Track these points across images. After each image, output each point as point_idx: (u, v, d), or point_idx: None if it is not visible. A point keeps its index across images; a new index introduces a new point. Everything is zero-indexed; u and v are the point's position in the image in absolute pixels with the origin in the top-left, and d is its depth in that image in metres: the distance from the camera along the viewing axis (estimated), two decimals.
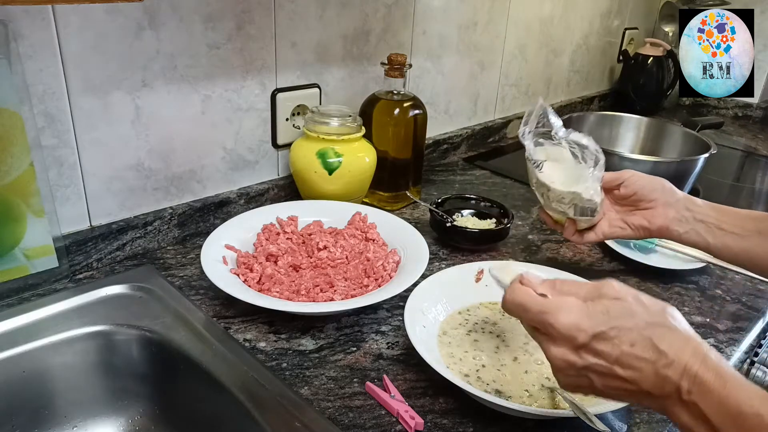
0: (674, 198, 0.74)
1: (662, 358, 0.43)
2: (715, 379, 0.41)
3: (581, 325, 0.45)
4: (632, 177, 0.76)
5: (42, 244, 0.71)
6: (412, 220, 0.95)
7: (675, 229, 0.73)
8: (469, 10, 1.23)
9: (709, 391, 0.41)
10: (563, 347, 0.46)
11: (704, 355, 0.43)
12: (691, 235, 0.73)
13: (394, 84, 0.97)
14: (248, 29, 0.85)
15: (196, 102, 0.83)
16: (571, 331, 0.45)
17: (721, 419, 0.41)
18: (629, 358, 0.44)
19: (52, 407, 0.66)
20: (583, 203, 0.73)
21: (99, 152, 0.76)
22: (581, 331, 0.45)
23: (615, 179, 0.76)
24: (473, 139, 1.37)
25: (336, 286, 0.72)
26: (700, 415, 0.41)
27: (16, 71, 0.65)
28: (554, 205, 0.76)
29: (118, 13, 0.72)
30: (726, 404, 0.41)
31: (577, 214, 0.75)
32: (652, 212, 0.75)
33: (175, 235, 0.86)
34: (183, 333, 0.67)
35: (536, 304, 0.47)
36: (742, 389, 0.41)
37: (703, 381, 0.41)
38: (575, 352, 0.45)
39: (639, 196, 0.75)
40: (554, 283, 0.49)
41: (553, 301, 0.47)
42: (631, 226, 0.76)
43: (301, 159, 0.91)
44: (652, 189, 0.75)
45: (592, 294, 0.47)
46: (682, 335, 0.44)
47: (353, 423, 0.57)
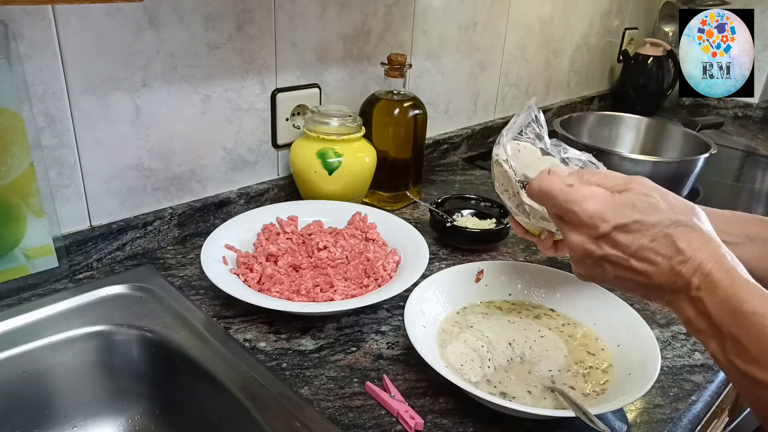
0: None
1: (679, 255, 0.44)
2: (725, 278, 0.43)
3: (605, 215, 0.46)
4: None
5: (42, 244, 0.71)
6: (412, 220, 0.95)
7: None
8: (469, 10, 1.23)
9: (716, 289, 0.43)
10: (584, 235, 0.47)
11: (721, 255, 0.44)
12: None
13: (394, 84, 0.97)
14: (248, 29, 0.85)
15: (196, 102, 0.83)
16: (593, 220, 0.46)
17: (721, 315, 0.42)
18: (647, 252, 0.45)
19: (52, 407, 0.66)
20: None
21: (99, 152, 0.76)
22: (604, 221, 0.45)
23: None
24: (473, 139, 1.36)
25: (336, 286, 0.72)
26: (703, 310, 0.43)
27: (16, 71, 0.65)
28: (534, 222, 0.64)
29: (118, 13, 0.72)
30: (729, 301, 0.42)
31: (554, 228, 0.63)
32: None
33: (175, 235, 0.86)
34: (183, 333, 0.67)
35: (562, 192, 0.48)
36: (748, 289, 0.42)
37: (714, 279, 0.43)
38: (595, 241, 0.46)
39: None
40: (582, 174, 0.50)
41: (580, 189, 0.48)
42: None
43: (301, 159, 0.91)
44: None
45: (620, 186, 0.47)
46: (703, 235, 0.45)
47: (353, 423, 0.57)
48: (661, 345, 0.70)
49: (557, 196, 0.48)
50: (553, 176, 0.50)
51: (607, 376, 0.63)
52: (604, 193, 0.47)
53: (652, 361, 0.60)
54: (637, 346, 0.64)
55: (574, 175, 0.50)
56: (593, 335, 0.69)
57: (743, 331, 0.41)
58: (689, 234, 0.45)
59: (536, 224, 0.65)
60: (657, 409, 0.62)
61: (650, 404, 0.62)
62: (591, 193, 0.47)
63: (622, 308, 0.70)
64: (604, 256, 0.46)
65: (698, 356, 0.70)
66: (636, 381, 0.58)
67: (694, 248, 0.44)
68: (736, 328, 0.42)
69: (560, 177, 0.50)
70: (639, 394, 0.56)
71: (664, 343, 0.72)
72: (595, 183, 0.48)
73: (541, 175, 0.50)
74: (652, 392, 0.63)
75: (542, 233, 0.67)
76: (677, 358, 0.70)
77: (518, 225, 0.68)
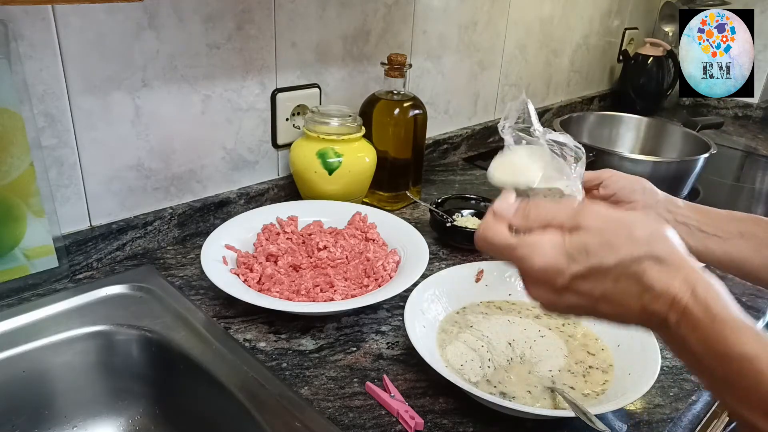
0: (655, 199, 0.71)
1: (648, 293, 0.40)
2: (704, 314, 0.38)
3: (559, 266, 0.41)
4: (612, 177, 0.72)
5: (42, 244, 0.71)
6: (412, 220, 0.95)
7: None
8: (469, 10, 1.23)
9: (697, 328, 0.38)
10: (542, 288, 0.43)
11: (694, 285, 0.39)
12: None
13: (394, 84, 0.97)
14: (248, 29, 0.85)
15: (196, 102, 0.83)
16: (548, 274, 0.42)
17: (708, 356, 0.38)
18: (613, 294, 0.41)
19: (52, 407, 0.66)
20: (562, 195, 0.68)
21: (99, 152, 0.76)
22: (559, 273, 0.41)
23: (594, 179, 0.73)
24: (473, 139, 1.36)
25: (336, 286, 0.72)
26: (688, 349, 0.39)
27: (16, 71, 0.65)
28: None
29: (118, 13, 0.72)
30: (714, 342, 0.38)
31: None
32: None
33: (175, 235, 0.86)
34: (183, 333, 0.67)
35: (508, 246, 0.44)
36: (732, 325, 0.38)
37: (692, 316, 0.38)
38: (556, 292, 0.42)
39: (619, 197, 0.71)
40: (528, 212, 0.44)
41: (527, 240, 0.43)
42: None
43: (301, 159, 0.91)
44: (632, 190, 0.71)
45: (570, 222, 0.42)
46: (672, 264, 0.40)
47: (353, 423, 0.57)
48: (661, 345, 0.70)
49: (504, 252, 0.44)
50: (497, 224, 0.45)
51: (607, 376, 0.63)
52: (554, 240, 0.42)
53: (652, 361, 0.60)
54: (637, 346, 0.64)
55: (519, 214, 0.45)
56: (593, 335, 0.69)
57: (737, 378, 0.37)
58: (654, 267, 0.40)
59: None
60: (657, 409, 0.62)
61: (650, 404, 0.62)
62: (539, 243, 0.42)
63: None
64: (569, 306, 0.43)
65: None
66: (636, 381, 0.59)
67: (665, 281, 0.39)
68: (728, 374, 0.38)
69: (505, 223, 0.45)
70: (639, 394, 0.56)
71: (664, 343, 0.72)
72: (544, 221, 0.43)
73: (486, 222, 0.46)
74: (652, 392, 0.63)
75: None
76: (677, 358, 0.70)
77: None
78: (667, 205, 0.71)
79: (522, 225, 0.44)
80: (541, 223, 0.43)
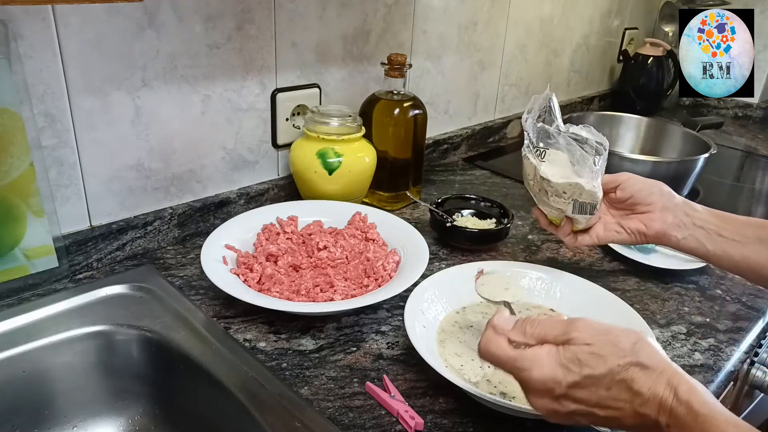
0: (672, 202, 0.72)
1: (637, 397, 0.43)
2: (687, 413, 0.41)
3: (556, 377, 0.45)
4: (629, 180, 0.74)
5: (42, 244, 0.71)
6: (412, 220, 0.95)
7: (673, 234, 0.71)
8: (469, 10, 1.23)
9: (683, 427, 0.41)
10: (543, 398, 0.47)
11: (676, 386, 0.42)
12: (690, 242, 0.70)
13: (394, 84, 0.97)
14: (248, 29, 0.85)
15: (196, 102, 0.83)
16: (547, 384, 0.46)
17: None
18: (608, 401, 0.45)
19: (52, 407, 0.66)
20: (584, 198, 0.70)
21: (99, 152, 0.76)
22: (557, 382, 0.45)
23: (612, 181, 0.74)
24: (473, 139, 1.37)
25: (336, 286, 0.72)
26: None
27: (16, 71, 0.65)
28: (552, 201, 0.72)
29: (118, 13, 0.72)
30: None
31: (575, 211, 0.72)
32: (650, 216, 0.72)
33: (175, 235, 0.86)
34: (183, 333, 0.67)
35: (510, 359, 0.48)
36: (711, 422, 0.40)
37: (678, 416, 0.42)
38: (555, 400, 0.46)
39: (636, 200, 0.73)
40: (525, 327, 0.49)
41: (526, 355, 0.47)
42: (627, 231, 0.74)
43: (301, 159, 0.91)
44: (649, 192, 0.72)
45: (561, 337, 0.47)
46: (655, 369, 0.44)
47: (353, 423, 0.57)
48: (661, 345, 0.70)
49: (506, 364, 0.48)
50: (497, 338, 0.49)
51: None
52: (550, 353, 0.46)
53: None
54: None
55: (518, 330, 0.49)
56: None
57: None
58: (640, 374, 0.44)
59: (554, 205, 0.72)
60: None
61: None
62: (537, 356, 0.47)
63: (622, 308, 0.70)
64: (570, 413, 0.46)
65: (698, 356, 0.70)
66: None
67: (650, 385, 0.43)
68: None
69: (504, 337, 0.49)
70: None
71: (664, 343, 0.72)
72: (539, 337, 0.48)
73: (487, 337, 0.50)
74: None
75: (561, 221, 0.75)
76: (677, 358, 0.70)
77: (541, 215, 0.77)
78: (685, 208, 0.71)
79: (520, 341, 0.48)
80: (537, 339, 0.48)
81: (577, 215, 0.72)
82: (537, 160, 0.71)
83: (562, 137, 0.70)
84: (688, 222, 0.70)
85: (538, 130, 0.71)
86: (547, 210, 0.75)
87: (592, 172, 0.70)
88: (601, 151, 0.70)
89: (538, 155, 0.71)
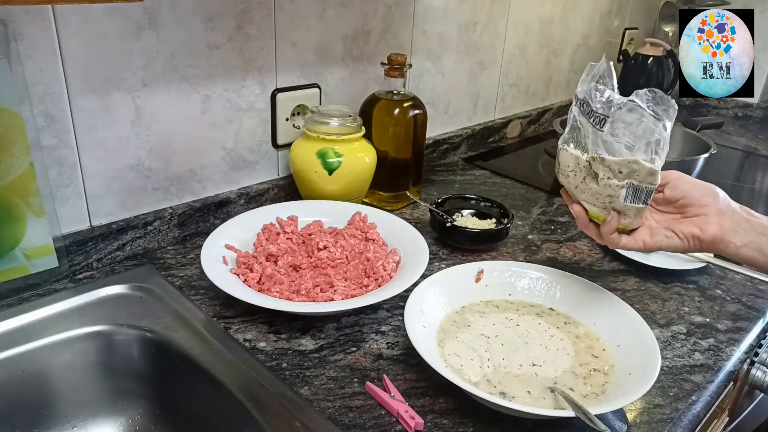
0: (730, 207, 0.65)
1: None
2: None
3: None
4: (680, 178, 0.67)
5: (42, 244, 0.71)
6: (412, 220, 0.95)
7: (732, 241, 0.64)
8: (469, 10, 1.23)
9: None
10: None
11: None
12: (750, 249, 0.64)
13: (394, 84, 0.97)
14: (248, 29, 0.85)
15: (196, 102, 0.83)
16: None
17: None
18: None
19: (52, 407, 0.66)
20: (641, 180, 0.62)
21: (99, 152, 0.76)
22: None
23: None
24: (473, 139, 1.37)
25: (336, 286, 0.72)
26: None
27: (16, 71, 0.65)
28: (601, 186, 0.64)
29: (118, 13, 0.72)
30: None
31: (629, 199, 0.63)
32: (705, 219, 0.65)
33: (175, 235, 0.86)
34: (183, 333, 0.67)
35: None
36: None
37: None
38: None
39: (688, 201, 0.66)
40: None
41: None
42: (679, 235, 0.65)
43: (301, 159, 0.91)
44: (704, 193, 0.66)
45: None
46: None
47: (353, 423, 0.57)
48: (661, 345, 0.70)
49: None
50: None
51: (607, 377, 0.63)
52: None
53: (652, 361, 0.60)
54: (637, 346, 0.64)
55: None
56: (594, 335, 0.69)
57: None
58: None
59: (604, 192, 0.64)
60: (657, 409, 0.62)
61: (650, 404, 0.62)
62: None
63: (622, 308, 0.70)
64: None
65: (698, 356, 0.70)
66: (636, 381, 0.58)
67: None
68: None
69: None
70: (639, 394, 0.56)
71: (664, 343, 0.72)
72: None
73: None
74: (652, 392, 0.63)
75: (607, 217, 0.66)
76: (677, 358, 0.70)
77: (582, 211, 0.68)
78: (743, 214, 0.66)
79: None
80: None
81: (629, 204, 0.64)
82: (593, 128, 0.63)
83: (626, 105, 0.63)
84: (749, 228, 0.64)
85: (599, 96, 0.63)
86: (590, 204, 0.67)
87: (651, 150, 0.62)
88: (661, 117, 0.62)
89: (596, 123, 0.63)
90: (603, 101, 0.64)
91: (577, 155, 0.66)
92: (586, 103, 0.65)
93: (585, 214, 0.68)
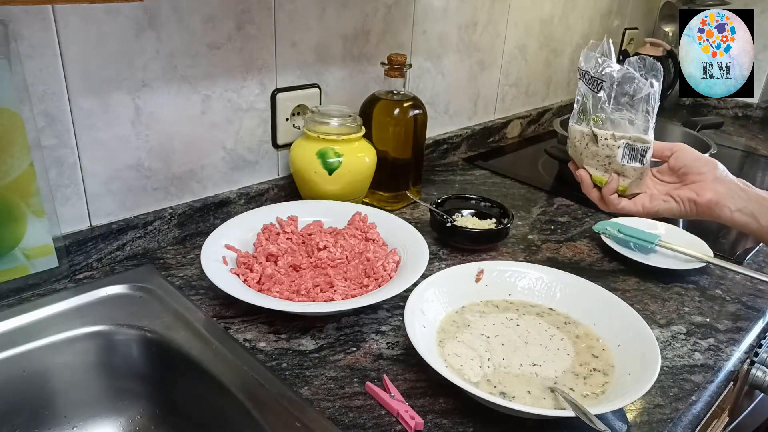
0: (727, 177, 0.71)
1: None
2: None
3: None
4: (685, 150, 0.72)
5: (42, 244, 0.71)
6: (412, 220, 0.95)
7: (726, 205, 0.69)
8: (469, 10, 1.23)
9: None
10: None
11: None
12: (744, 214, 0.69)
13: (394, 84, 0.97)
14: (248, 29, 0.85)
15: (196, 102, 0.83)
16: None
17: None
18: None
19: (52, 407, 0.66)
20: (635, 139, 0.69)
21: (99, 152, 0.76)
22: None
23: (667, 148, 0.73)
24: (473, 139, 1.37)
25: (336, 286, 0.72)
26: None
27: (16, 71, 0.65)
28: (600, 147, 0.71)
29: (118, 13, 0.72)
30: None
31: (626, 158, 0.70)
32: (701, 185, 0.70)
33: (175, 235, 0.86)
34: (183, 333, 0.67)
35: None
36: None
37: None
38: None
39: (688, 169, 0.71)
40: None
41: None
42: (676, 199, 0.72)
43: (301, 159, 0.91)
44: (704, 163, 0.71)
45: None
46: None
47: (353, 423, 0.57)
48: (661, 345, 0.71)
49: None
50: None
51: (607, 377, 0.63)
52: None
53: (652, 361, 0.60)
54: (637, 346, 0.64)
55: None
56: (594, 335, 0.69)
57: None
58: None
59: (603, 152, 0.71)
60: (657, 409, 0.62)
61: (650, 404, 0.62)
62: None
63: (622, 308, 0.70)
64: None
65: (698, 356, 0.70)
66: (636, 381, 0.58)
67: None
68: None
69: None
70: (639, 394, 0.56)
71: (664, 343, 0.72)
72: None
73: None
74: (652, 392, 0.63)
75: (608, 180, 0.73)
76: (677, 358, 0.70)
77: (586, 175, 0.74)
78: (739, 183, 0.71)
79: None
80: None
81: (626, 164, 0.70)
82: (593, 94, 0.71)
83: (620, 72, 0.70)
84: (744, 196, 0.69)
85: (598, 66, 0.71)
86: (593, 168, 0.74)
87: (645, 113, 0.69)
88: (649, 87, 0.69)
89: (594, 87, 0.71)
90: (601, 69, 0.71)
91: (582, 128, 0.73)
92: (587, 72, 0.72)
93: (589, 178, 0.75)
